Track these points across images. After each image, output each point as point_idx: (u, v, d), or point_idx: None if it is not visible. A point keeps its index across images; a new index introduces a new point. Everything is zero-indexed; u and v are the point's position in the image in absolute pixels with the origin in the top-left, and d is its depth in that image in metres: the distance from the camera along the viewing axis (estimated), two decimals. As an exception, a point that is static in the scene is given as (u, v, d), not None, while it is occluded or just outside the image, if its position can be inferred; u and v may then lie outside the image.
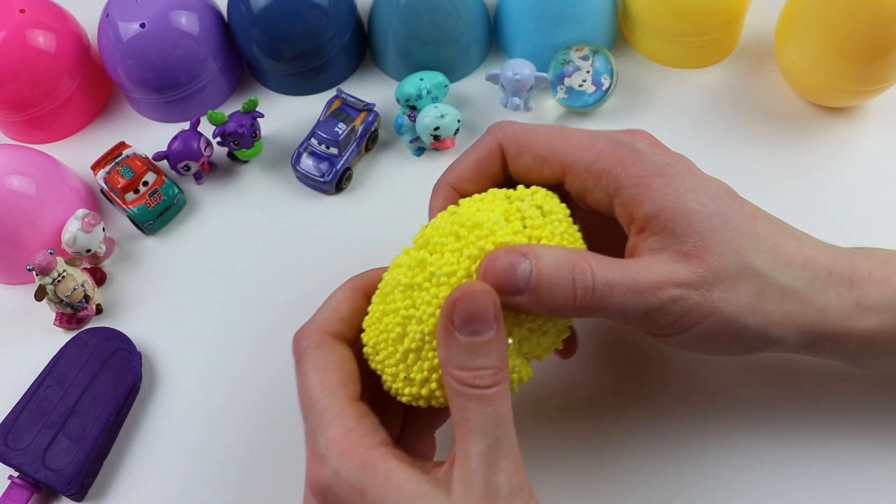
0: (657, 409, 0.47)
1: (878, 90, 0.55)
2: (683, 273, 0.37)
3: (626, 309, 0.37)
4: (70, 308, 0.53)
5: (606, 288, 0.36)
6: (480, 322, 0.34)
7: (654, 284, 0.37)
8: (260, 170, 0.59)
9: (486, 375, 0.34)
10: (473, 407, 0.34)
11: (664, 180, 0.38)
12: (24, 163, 0.55)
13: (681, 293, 0.37)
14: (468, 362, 0.34)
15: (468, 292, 0.34)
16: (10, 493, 0.48)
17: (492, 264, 0.36)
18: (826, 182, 0.55)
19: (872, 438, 0.46)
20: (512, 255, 0.36)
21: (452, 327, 0.34)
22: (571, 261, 0.36)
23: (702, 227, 0.37)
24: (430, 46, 0.59)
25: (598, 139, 0.40)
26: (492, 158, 0.42)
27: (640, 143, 0.40)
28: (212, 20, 0.60)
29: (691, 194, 0.38)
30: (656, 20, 0.58)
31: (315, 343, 0.38)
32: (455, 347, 0.34)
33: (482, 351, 0.34)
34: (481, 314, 0.34)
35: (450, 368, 0.35)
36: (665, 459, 0.46)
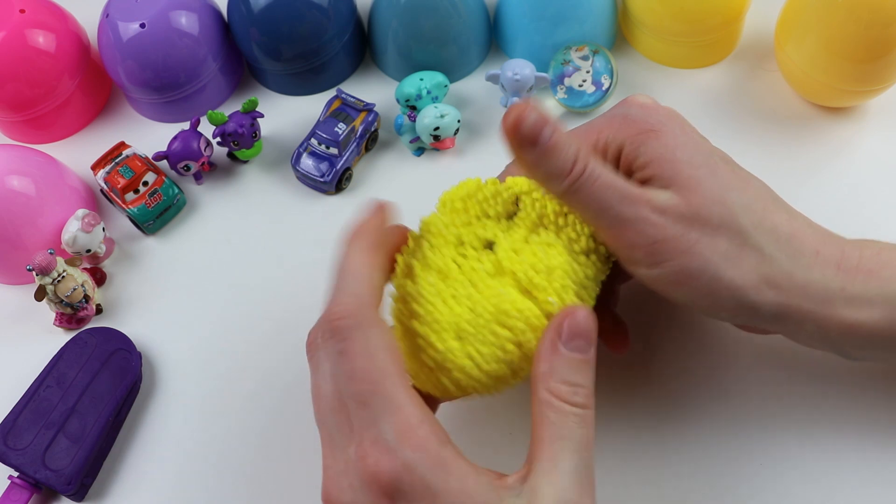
0: (657, 409, 0.47)
1: (878, 90, 0.55)
2: (666, 202, 0.38)
3: (604, 204, 0.38)
4: (70, 308, 0.53)
5: (594, 175, 0.38)
6: (585, 340, 0.36)
7: (633, 197, 0.38)
8: (260, 170, 0.59)
9: (583, 394, 0.35)
10: (571, 425, 0.35)
11: (656, 135, 0.39)
12: (24, 163, 0.55)
13: (658, 219, 0.38)
14: (570, 377, 0.35)
15: (575, 311, 0.36)
16: (9, 493, 0.48)
17: (524, 116, 0.37)
18: (826, 182, 0.55)
19: (872, 438, 0.46)
20: (543, 115, 0.37)
21: (559, 340, 0.36)
22: (580, 143, 0.38)
23: (688, 174, 0.38)
24: (430, 46, 0.59)
25: (594, 123, 0.41)
26: None
27: (631, 108, 0.41)
28: (212, 20, 0.60)
29: (682, 148, 0.39)
30: (656, 20, 0.58)
31: (364, 320, 0.35)
32: (558, 360, 0.36)
33: (584, 369, 0.36)
34: (587, 333, 0.36)
35: (550, 382, 0.35)
36: (664, 459, 0.46)
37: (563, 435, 0.34)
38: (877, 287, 0.39)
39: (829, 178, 0.55)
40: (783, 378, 0.47)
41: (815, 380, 0.47)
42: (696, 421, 0.47)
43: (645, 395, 0.48)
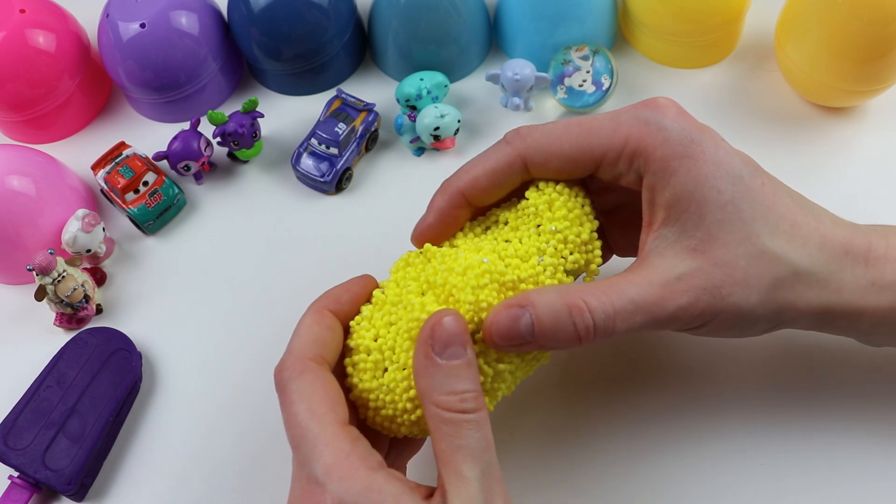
0: (656, 408, 0.47)
1: (878, 90, 0.55)
2: (689, 276, 0.37)
3: (635, 328, 0.37)
4: (70, 308, 0.53)
5: (608, 321, 0.37)
6: (458, 345, 0.35)
7: (658, 299, 0.37)
8: (260, 170, 0.59)
9: (470, 398, 0.35)
10: (465, 433, 0.34)
11: (688, 163, 0.38)
12: (24, 163, 0.55)
13: (689, 299, 0.37)
14: (453, 386, 0.35)
15: (442, 318, 0.35)
16: (10, 493, 0.48)
17: (495, 323, 0.37)
18: (826, 182, 0.55)
19: (875, 433, 0.46)
20: (511, 310, 0.36)
21: (433, 353, 0.35)
22: (568, 304, 0.37)
23: (712, 218, 0.38)
24: (430, 46, 0.59)
25: (621, 122, 0.40)
26: (510, 169, 0.41)
27: (665, 118, 0.39)
28: (212, 20, 0.60)
29: (710, 180, 0.38)
30: (656, 20, 0.58)
31: (297, 371, 0.37)
32: (437, 373, 0.35)
33: (464, 374, 0.35)
34: (458, 337, 0.35)
35: (434, 396, 0.35)
36: (664, 459, 0.46)
37: (461, 445, 0.34)
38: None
39: (829, 178, 0.55)
40: (782, 376, 0.47)
41: (815, 378, 0.47)
42: (695, 420, 0.47)
43: (644, 395, 0.48)
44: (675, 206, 0.38)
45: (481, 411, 0.35)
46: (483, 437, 0.35)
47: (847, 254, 0.39)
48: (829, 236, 0.40)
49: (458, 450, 0.34)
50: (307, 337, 0.39)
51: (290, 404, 0.37)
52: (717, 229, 0.38)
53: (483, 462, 0.34)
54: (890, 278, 0.39)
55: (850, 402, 0.47)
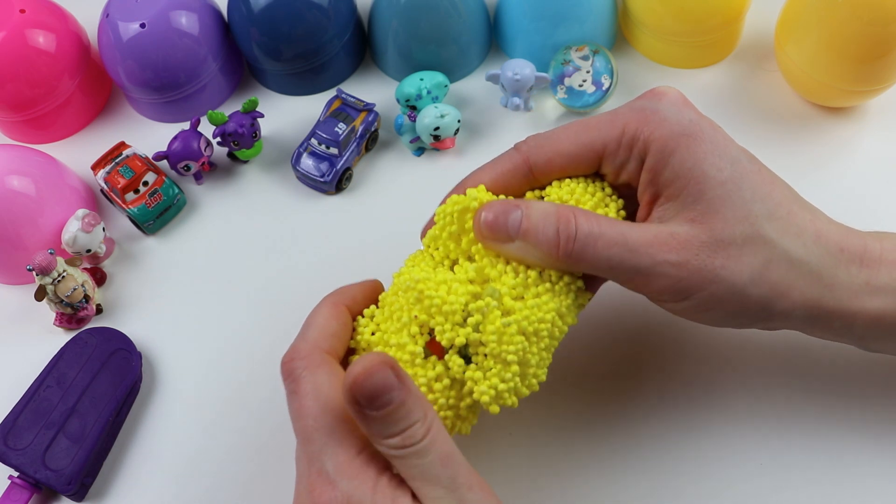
0: (655, 407, 0.47)
1: (878, 90, 0.55)
2: (684, 236, 0.38)
3: (613, 263, 0.37)
4: (70, 308, 0.53)
5: (590, 238, 0.37)
6: (385, 394, 0.34)
7: (647, 243, 0.37)
8: (260, 170, 0.59)
9: (414, 432, 0.34)
10: (415, 463, 0.34)
11: (687, 141, 0.38)
12: (24, 163, 0.55)
13: (680, 257, 0.37)
14: (392, 429, 0.34)
15: (362, 373, 0.34)
16: (10, 493, 0.48)
17: (487, 212, 0.38)
18: (826, 182, 0.55)
19: (872, 433, 0.46)
20: (506, 205, 0.38)
21: (361, 408, 0.34)
22: (558, 212, 0.38)
23: (713, 193, 0.38)
24: (430, 46, 0.59)
25: (619, 114, 0.40)
26: (516, 173, 0.41)
27: (661, 102, 0.40)
28: (212, 20, 0.60)
29: (710, 158, 0.38)
30: (656, 20, 0.58)
31: (313, 363, 0.38)
32: (373, 423, 0.34)
33: (401, 414, 0.34)
34: (382, 388, 0.34)
35: (379, 441, 0.35)
36: (662, 458, 0.46)
37: (416, 475, 0.34)
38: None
39: (829, 178, 0.55)
40: (781, 376, 0.47)
41: (813, 380, 0.47)
42: (694, 419, 0.47)
43: (644, 395, 0.48)
44: (676, 183, 0.38)
45: (427, 436, 0.34)
46: (435, 457, 0.34)
47: (842, 251, 0.39)
48: (825, 232, 0.40)
49: (416, 478, 0.34)
50: (325, 329, 0.39)
51: (304, 396, 0.37)
52: (717, 204, 0.38)
53: (445, 479, 0.34)
54: (884, 280, 0.39)
55: (849, 404, 0.46)
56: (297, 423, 0.37)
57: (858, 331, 0.40)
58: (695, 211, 0.38)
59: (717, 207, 0.38)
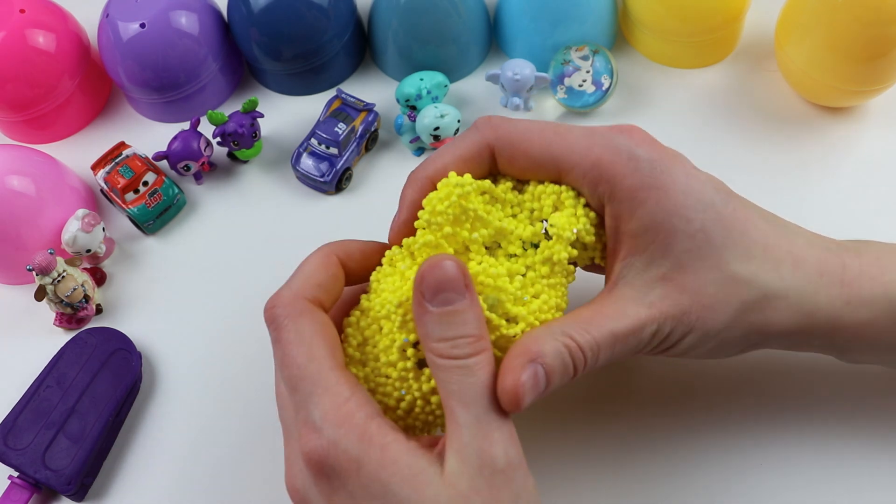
0: (652, 409, 0.47)
1: (878, 90, 0.55)
2: (659, 305, 0.38)
3: (615, 357, 0.38)
4: (70, 308, 0.53)
5: (593, 356, 0.37)
6: (450, 291, 0.34)
7: (632, 330, 0.38)
8: (260, 170, 0.59)
9: (464, 344, 0.34)
10: (456, 378, 0.34)
11: (656, 194, 0.38)
12: (24, 163, 0.55)
13: (659, 326, 0.38)
14: (444, 332, 0.34)
15: (435, 264, 0.34)
16: (10, 493, 0.48)
17: (517, 385, 0.35)
18: (826, 182, 0.55)
19: (865, 435, 0.46)
20: (526, 368, 0.35)
21: (424, 300, 0.34)
22: (567, 346, 0.36)
23: (681, 247, 0.38)
24: (430, 46, 0.59)
25: (594, 142, 0.39)
26: (478, 158, 0.40)
27: (639, 148, 0.39)
28: (212, 20, 0.60)
29: (680, 210, 0.38)
30: (656, 20, 0.58)
31: (296, 311, 0.37)
32: (429, 320, 0.34)
33: (457, 320, 0.34)
34: (450, 282, 0.34)
35: (429, 343, 0.35)
36: (661, 459, 0.46)
37: (454, 391, 0.34)
38: (881, 293, 0.39)
39: (829, 178, 0.55)
40: (779, 377, 0.47)
41: (813, 379, 0.47)
42: (693, 420, 0.47)
43: (640, 396, 0.48)
44: (643, 237, 0.38)
45: (478, 356, 0.34)
46: (477, 381, 0.34)
47: (822, 275, 0.39)
48: (803, 258, 0.39)
49: (451, 395, 0.34)
50: (310, 278, 0.39)
51: (288, 343, 0.36)
52: (685, 258, 0.38)
53: (479, 407, 0.34)
54: (865, 295, 0.39)
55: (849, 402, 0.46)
56: (283, 372, 0.36)
57: (840, 344, 0.40)
58: (662, 268, 0.38)
59: (685, 261, 0.38)
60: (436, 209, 0.38)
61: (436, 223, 0.38)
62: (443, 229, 0.39)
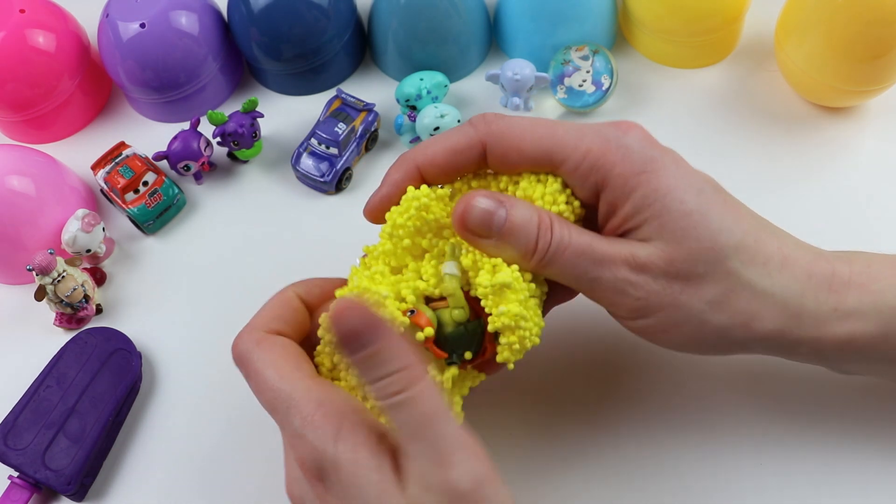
0: (650, 412, 0.47)
1: (878, 90, 0.55)
2: (644, 259, 0.37)
3: (578, 272, 0.38)
4: (70, 308, 0.53)
5: (561, 245, 0.37)
6: (360, 337, 0.34)
7: (610, 257, 0.37)
8: (260, 170, 0.59)
9: (395, 381, 0.34)
10: (396, 416, 0.34)
11: (648, 177, 0.38)
12: (24, 163, 0.55)
13: (638, 278, 0.37)
14: (372, 374, 0.34)
15: (337, 315, 0.34)
16: (9, 493, 0.48)
17: (469, 206, 0.37)
18: (826, 182, 0.55)
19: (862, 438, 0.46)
20: (490, 200, 0.37)
21: (345, 354, 0.34)
22: (539, 215, 0.38)
23: (675, 225, 0.38)
24: (430, 46, 0.59)
25: (586, 135, 0.39)
26: (468, 152, 0.40)
27: (628, 137, 0.39)
28: (212, 20, 0.60)
29: (673, 191, 0.38)
30: (656, 20, 0.58)
31: (254, 342, 0.39)
32: (356, 367, 0.34)
33: (378, 360, 0.34)
34: (356, 330, 0.34)
35: (366, 388, 0.35)
36: (659, 461, 0.46)
37: (402, 428, 0.34)
38: (869, 301, 0.39)
39: (829, 178, 0.55)
40: (776, 378, 0.47)
41: (812, 379, 0.47)
42: (692, 422, 0.47)
43: (638, 399, 0.48)
44: (637, 216, 0.38)
45: (413, 387, 0.34)
46: (422, 412, 0.34)
47: (810, 277, 0.39)
48: (792, 258, 0.39)
49: (400, 432, 0.34)
50: (266, 314, 0.40)
51: (257, 373, 0.38)
52: (679, 235, 0.38)
53: (426, 439, 0.33)
54: (853, 305, 0.38)
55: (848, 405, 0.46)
56: (261, 399, 0.38)
57: (827, 354, 0.40)
58: (661, 237, 0.38)
59: (678, 238, 0.37)
60: (396, 222, 0.39)
61: (397, 235, 0.39)
62: (402, 241, 0.39)
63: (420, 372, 0.34)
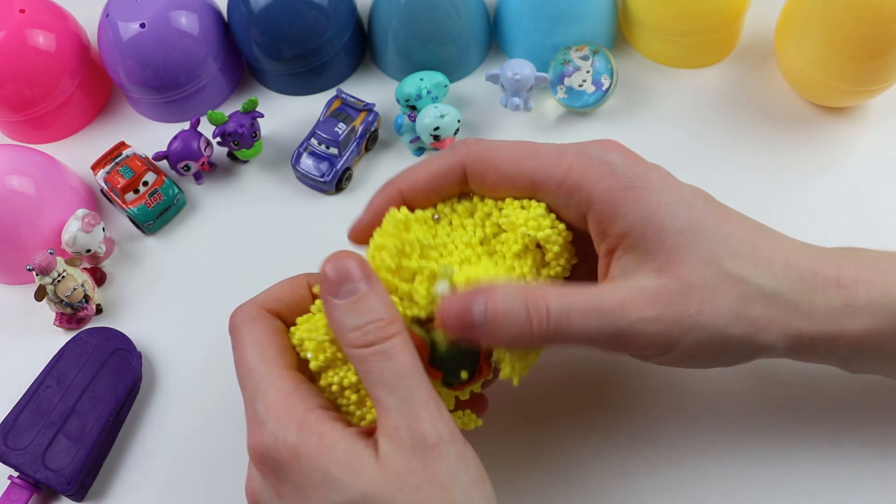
0: (650, 416, 0.47)
1: (878, 90, 0.55)
2: (654, 289, 0.37)
3: (590, 332, 0.36)
4: (70, 308, 0.53)
5: (562, 313, 0.36)
6: (352, 281, 0.35)
7: (620, 304, 0.36)
8: (260, 170, 0.59)
9: (375, 329, 0.35)
10: (375, 365, 0.34)
11: (636, 193, 0.37)
12: (24, 163, 0.55)
13: (655, 311, 0.36)
14: (354, 321, 0.35)
15: (335, 260, 0.36)
16: (9, 493, 0.48)
17: (448, 304, 0.37)
18: (826, 182, 0.55)
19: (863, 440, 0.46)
20: (467, 295, 0.37)
21: (330, 296, 0.36)
22: (525, 292, 0.36)
23: (673, 241, 0.37)
24: (430, 46, 0.59)
25: (566, 153, 0.39)
26: (449, 175, 0.40)
27: (610, 153, 0.39)
28: (212, 20, 0.60)
29: (664, 207, 0.37)
30: (656, 20, 0.58)
31: (250, 317, 0.39)
32: (338, 312, 0.35)
33: (364, 307, 0.35)
34: (350, 274, 0.36)
35: (343, 336, 0.35)
36: (658, 465, 0.46)
37: (375, 378, 0.35)
38: (880, 296, 0.38)
39: (829, 178, 0.55)
40: (776, 380, 0.47)
41: (809, 382, 0.47)
42: (690, 425, 0.47)
43: (637, 403, 0.48)
44: (631, 235, 0.37)
45: (391, 339, 0.35)
46: (396, 364, 0.34)
47: (816, 275, 0.38)
48: (795, 258, 0.38)
49: (374, 383, 0.35)
50: (271, 293, 0.41)
51: (241, 346, 0.38)
52: (679, 251, 0.37)
53: (402, 389, 0.34)
54: (863, 300, 0.38)
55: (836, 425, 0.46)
56: (237, 372, 0.38)
57: (842, 353, 0.39)
58: (658, 261, 0.37)
59: (679, 255, 0.37)
60: (377, 244, 0.39)
61: (380, 257, 0.39)
62: (386, 262, 0.39)
63: (400, 328, 0.36)
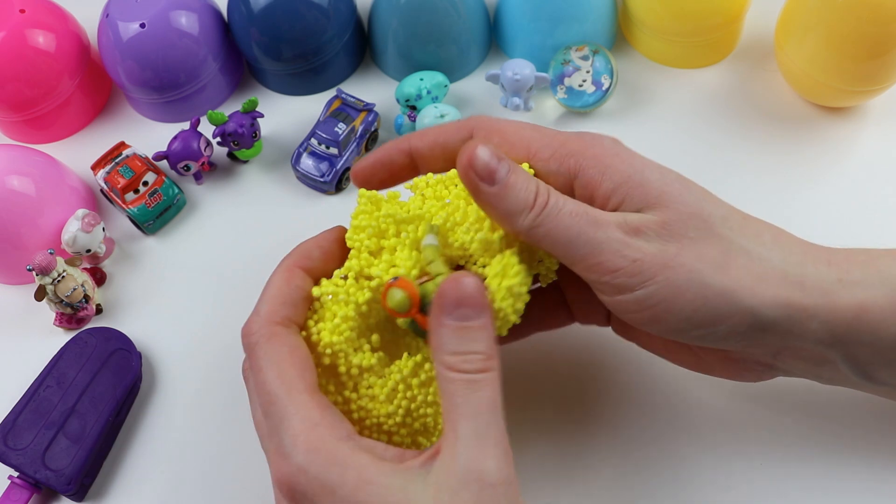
0: (649, 416, 0.47)
1: (878, 90, 0.55)
2: (638, 220, 0.37)
3: (571, 233, 0.37)
4: (70, 308, 0.53)
5: (557, 206, 0.37)
6: (469, 307, 0.35)
7: (603, 220, 0.37)
8: (260, 170, 0.59)
9: (475, 360, 0.35)
10: (461, 391, 0.34)
11: (622, 158, 0.38)
12: (24, 163, 0.55)
13: (633, 240, 0.36)
14: (458, 346, 0.35)
15: (458, 280, 0.35)
16: (9, 493, 0.48)
17: (475, 153, 0.37)
18: (826, 182, 0.55)
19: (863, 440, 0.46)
20: (493, 155, 0.37)
21: (442, 314, 0.35)
22: (538, 181, 0.38)
23: (661, 191, 0.37)
24: (430, 46, 0.59)
25: (564, 133, 0.40)
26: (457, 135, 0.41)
27: (605, 138, 0.40)
28: (212, 20, 0.60)
29: (648, 167, 0.38)
30: (656, 20, 0.58)
31: (265, 336, 0.38)
32: (445, 332, 0.35)
33: (471, 336, 0.35)
34: (470, 299, 0.35)
35: (441, 355, 0.35)
36: (659, 464, 0.46)
37: (458, 403, 0.34)
38: (874, 272, 0.37)
39: (829, 178, 0.55)
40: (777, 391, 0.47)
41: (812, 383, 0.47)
42: (691, 428, 0.47)
43: (637, 407, 0.48)
44: (616, 192, 0.38)
45: (486, 373, 0.35)
46: (483, 397, 0.34)
47: (806, 253, 0.38)
48: (784, 236, 0.38)
49: (455, 408, 0.34)
50: (275, 298, 0.39)
51: (259, 370, 0.37)
52: (666, 199, 0.37)
53: (479, 422, 0.34)
54: (857, 276, 0.37)
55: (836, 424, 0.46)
56: (259, 398, 0.37)
57: (841, 333, 0.37)
58: (646, 207, 0.38)
59: (667, 202, 0.37)
60: (355, 225, 0.40)
61: (358, 238, 0.40)
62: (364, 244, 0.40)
63: (497, 364, 0.35)
